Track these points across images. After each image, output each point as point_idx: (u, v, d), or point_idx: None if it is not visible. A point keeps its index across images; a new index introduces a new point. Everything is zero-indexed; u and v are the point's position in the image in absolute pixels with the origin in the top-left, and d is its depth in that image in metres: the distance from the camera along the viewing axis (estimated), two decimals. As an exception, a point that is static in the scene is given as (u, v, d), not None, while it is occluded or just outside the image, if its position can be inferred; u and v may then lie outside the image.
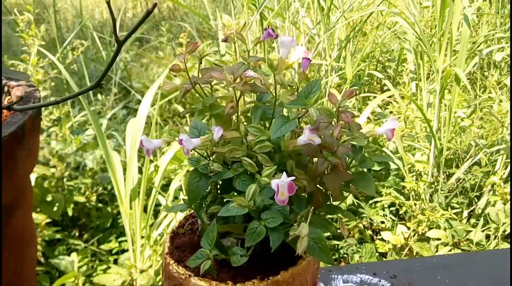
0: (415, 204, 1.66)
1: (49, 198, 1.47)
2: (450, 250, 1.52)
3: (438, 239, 1.54)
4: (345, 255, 1.63)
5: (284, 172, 0.48)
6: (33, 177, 1.48)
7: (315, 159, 0.59)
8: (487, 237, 1.62)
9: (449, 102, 1.70)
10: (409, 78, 2.04)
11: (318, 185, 0.60)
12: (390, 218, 1.73)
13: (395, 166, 1.76)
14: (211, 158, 0.58)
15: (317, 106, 0.53)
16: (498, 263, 0.91)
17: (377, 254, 1.57)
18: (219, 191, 0.61)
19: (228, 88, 0.59)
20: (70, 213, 1.52)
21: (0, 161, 0.45)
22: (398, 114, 1.97)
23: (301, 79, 0.58)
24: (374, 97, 2.06)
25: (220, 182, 0.61)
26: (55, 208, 1.47)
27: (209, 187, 0.60)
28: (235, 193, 0.57)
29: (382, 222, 1.72)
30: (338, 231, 1.69)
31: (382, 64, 2.67)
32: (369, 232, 1.73)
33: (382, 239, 1.64)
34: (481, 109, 2.07)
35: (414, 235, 1.61)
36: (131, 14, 5.37)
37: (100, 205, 1.72)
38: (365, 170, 0.60)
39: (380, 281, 0.86)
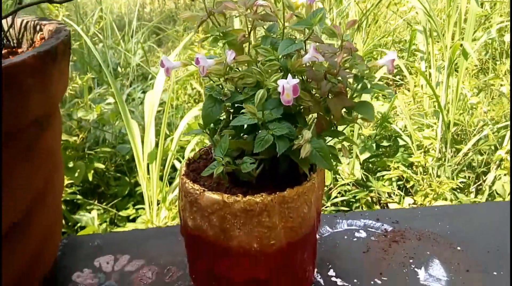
0: (423, 179, 1.70)
1: (70, 164, 1.55)
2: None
3: (445, 210, 1.57)
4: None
5: (290, 75, 0.52)
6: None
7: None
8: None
9: (457, 77, 1.73)
10: (419, 58, 2.08)
11: (321, 113, 0.65)
12: (398, 192, 1.76)
13: (403, 142, 1.81)
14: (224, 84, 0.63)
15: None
16: (499, 213, 0.93)
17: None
18: (231, 118, 0.67)
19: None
20: (90, 178, 1.59)
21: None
22: (408, 97, 2.01)
23: (308, 11, 0.63)
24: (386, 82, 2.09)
25: (232, 110, 0.66)
26: (76, 174, 1.54)
27: (222, 112, 0.66)
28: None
29: (390, 196, 1.76)
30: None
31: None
32: (377, 207, 1.77)
33: (390, 213, 1.67)
34: (492, 96, 2.10)
35: (421, 208, 1.64)
36: (148, 9, 5.47)
37: (118, 175, 1.79)
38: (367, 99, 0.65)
39: (382, 225, 0.90)
